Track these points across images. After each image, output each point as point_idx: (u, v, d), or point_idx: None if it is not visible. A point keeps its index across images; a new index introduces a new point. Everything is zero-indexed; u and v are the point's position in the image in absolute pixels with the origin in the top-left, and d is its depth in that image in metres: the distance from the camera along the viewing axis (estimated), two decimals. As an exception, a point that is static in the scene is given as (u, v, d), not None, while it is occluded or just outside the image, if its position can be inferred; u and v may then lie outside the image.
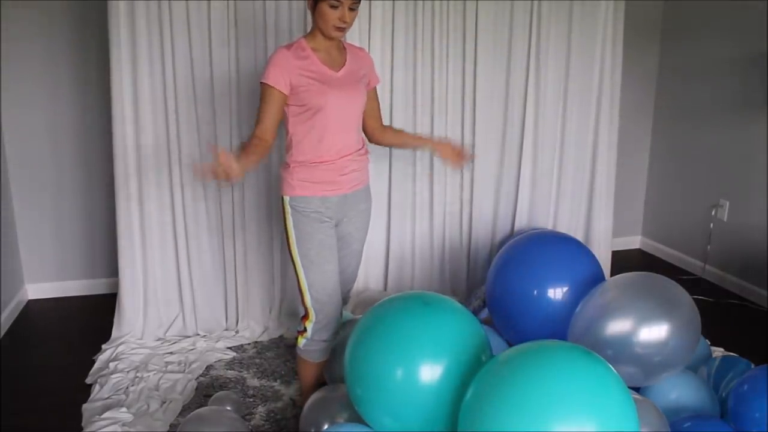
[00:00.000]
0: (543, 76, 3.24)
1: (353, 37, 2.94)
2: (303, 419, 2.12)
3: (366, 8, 2.94)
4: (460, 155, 2.46)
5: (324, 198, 2.17)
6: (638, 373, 2.06)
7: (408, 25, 3.03)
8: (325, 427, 2.04)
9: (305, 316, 2.21)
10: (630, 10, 3.43)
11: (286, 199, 2.18)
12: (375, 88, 2.35)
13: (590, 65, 3.29)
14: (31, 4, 3.11)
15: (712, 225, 3.68)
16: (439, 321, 1.85)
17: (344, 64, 2.19)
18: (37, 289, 3.44)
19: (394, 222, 3.18)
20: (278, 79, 2.08)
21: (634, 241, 4.32)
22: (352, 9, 2.08)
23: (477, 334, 1.88)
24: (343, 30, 2.10)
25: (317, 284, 2.17)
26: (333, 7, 2.05)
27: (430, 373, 1.76)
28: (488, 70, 3.18)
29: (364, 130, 2.35)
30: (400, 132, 2.55)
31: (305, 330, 2.22)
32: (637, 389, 2.14)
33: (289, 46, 2.14)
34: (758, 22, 3.30)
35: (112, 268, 3.29)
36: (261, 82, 2.11)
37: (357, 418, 1.97)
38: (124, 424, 2.31)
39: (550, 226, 3.40)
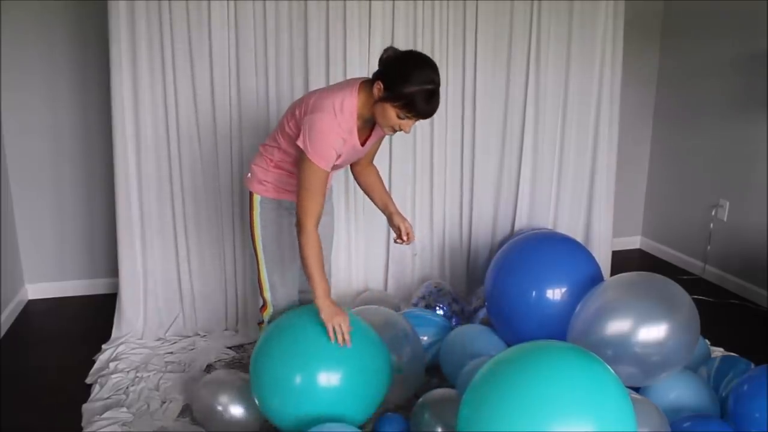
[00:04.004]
0: (543, 77, 3.24)
1: (353, 38, 2.94)
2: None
3: (366, 8, 2.95)
4: (408, 236, 2.31)
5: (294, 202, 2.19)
6: (637, 372, 2.06)
7: (408, 26, 3.03)
8: None
9: (263, 307, 2.26)
10: (630, 10, 3.43)
11: (257, 198, 2.17)
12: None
13: (590, 65, 3.29)
14: (31, 4, 3.11)
15: (712, 225, 3.68)
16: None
17: (370, 134, 2.12)
18: (37, 289, 3.44)
19: (394, 222, 3.18)
20: (332, 161, 1.97)
21: (634, 241, 4.31)
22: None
23: (378, 355, 2.09)
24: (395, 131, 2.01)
25: (278, 283, 2.22)
26: (400, 117, 1.93)
27: (326, 380, 1.96)
28: (488, 70, 3.18)
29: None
30: (377, 184, 2.37)
31: (263, 321, 2.28)
32: (636, 389, 2.14)
33: (338, 117, 1.96)
34: (758, 22, 3.30)
35: (112, 268, 3.28)
36: (311, 161, 1.94)
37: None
38: (124, 424, 2.31)
39: (550, 227, 3.40)
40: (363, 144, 2.11)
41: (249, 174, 2.23)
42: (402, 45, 3.01)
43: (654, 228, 4.21)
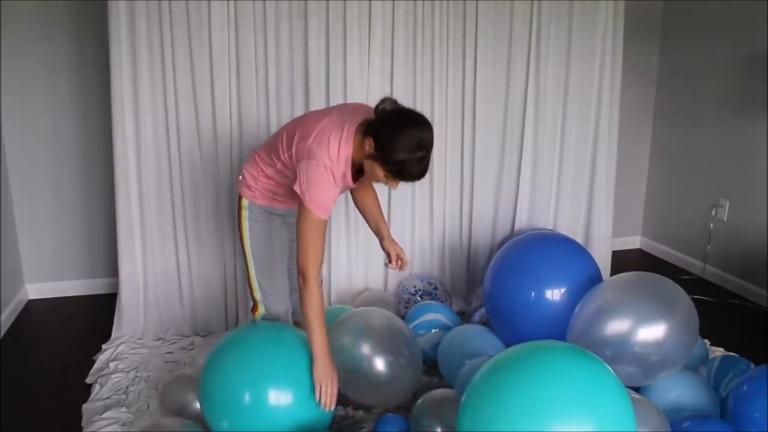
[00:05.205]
0: (543, 77, 3.24)
1: (353, 38, 2.94)
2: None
3: (366, 9, 2.95)
4: (401, 262, 2.31)
5: (288, 210, 2.23)
6: (637, 372, 2.06)
7: (408, 26, 3.03)
8: None
9: (254, 307, 2.28)
10: (630, 10, 3.44)
11: (245, 202, 2.21)
12: None
13: (590, 65, 3.30)
14: (31, 3, 3.11)
15: (712, 225, 3.68)
16: (290, 354, 2.02)
17: (361, 170, 2.08)
18: (37, 289, 3.44)
19: (394, 222, 3.18)
20: (330, 210, 1.97)
21: (634, 241, 4.31)
22: None
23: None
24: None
25: (266, 284, 2.24)
26: (388, 177, 1.92)
27: (275, 397, 1.95)
28: (488, 71, 3.18)
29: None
30: (373, 207, 2.36)
31: (255, 322, 2.29)
32: (636, 389, 2.14)
33: (333, 165, 1.94)
34: (758, 22, 3.30)
35: (112, 268, 3.29)
36: (310, 211, 1.94)
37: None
38: (124, 424, 2.31)
39: (550, 227, 3.40)
40: (354, 182, 2.10)
41: (241, 177, 2.25)
42: (402, 45, 3.02)
43: (654, 228, 4.21)
